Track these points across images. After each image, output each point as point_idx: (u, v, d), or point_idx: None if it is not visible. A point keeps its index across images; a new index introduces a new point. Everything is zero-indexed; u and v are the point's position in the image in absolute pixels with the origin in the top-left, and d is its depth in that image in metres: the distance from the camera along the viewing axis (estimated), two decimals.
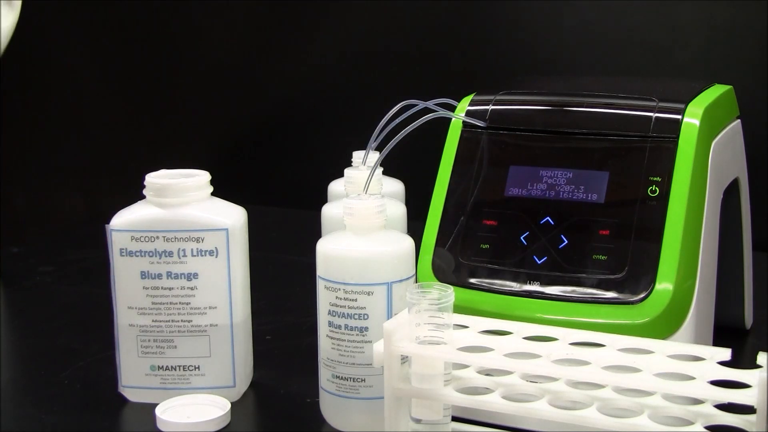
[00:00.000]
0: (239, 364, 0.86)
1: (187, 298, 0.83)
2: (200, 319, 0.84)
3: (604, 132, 0.81)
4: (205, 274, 0.83)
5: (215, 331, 0.84)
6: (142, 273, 0.83)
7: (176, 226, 0.82)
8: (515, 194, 0.82)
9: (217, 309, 0.84)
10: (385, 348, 0.69)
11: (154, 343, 0.85)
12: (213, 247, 0.83)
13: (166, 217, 0.82)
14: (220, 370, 0.85)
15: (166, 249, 0.82)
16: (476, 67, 1.39)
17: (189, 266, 0.83)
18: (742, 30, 1.25)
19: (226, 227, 0.82)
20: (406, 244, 0.78)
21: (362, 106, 1.30)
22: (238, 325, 0.85)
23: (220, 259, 0.83)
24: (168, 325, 0.84)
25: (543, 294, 0.78)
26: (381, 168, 0.89)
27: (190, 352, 0.85)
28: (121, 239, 0.83)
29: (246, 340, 0.87)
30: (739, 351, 0.69)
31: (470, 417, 0.78)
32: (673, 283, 0.74)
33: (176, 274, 0.83)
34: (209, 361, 0.85)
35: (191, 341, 0.84)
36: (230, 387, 0.86)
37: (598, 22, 1.33)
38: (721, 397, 0.63)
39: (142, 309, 0.84)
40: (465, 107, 0.87)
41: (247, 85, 1.57)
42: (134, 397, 0.86)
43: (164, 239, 0.82)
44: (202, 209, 0.83)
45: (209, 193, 0.85)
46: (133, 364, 0.86)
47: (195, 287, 0.83)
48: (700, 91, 0.84)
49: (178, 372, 0.85)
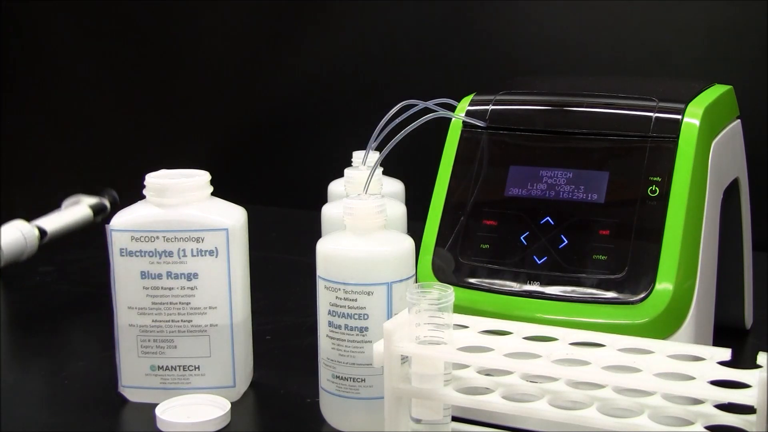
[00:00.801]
0: (239, 364, 0.85)
1: (187, 298, 0.83)
2: (200, 319, 0.84)
3: (604, 132, 0.81)
4: (205, 274, 0.83)
5: (215, 331, 0.84)
6: (142, 273, 0.83)
7: (176, 226, 0.82)
8: (515, 194, 0.82)
9: (217, 309, 0.84)
10: (385, 348, 0.69)
11: (154, 343, 0.85)
12: (213, 247, 0.82)
13: (166, 217, 0.82)
14: (220, 370, 0.85)
15: (166, 249, 0.82)
16: (476, 67, 1.39)
17: (189, 266, 0.83)
18: (742, 30, 1.25)
19: (225, 227, 0.82)
20: (406, 244, 0.78)
21: (362, 106, 1.30)
22: (238, 325, 0.85)
23: (220, 259, 0.83)
24: (168, 325, 0.84)
25: (543, 294, 0.78)
26: (381, 168, 0.89)
27: (190, 352, 0.84)
28: (121, 239, 0.82)
29: (246, 340, 0.87)
30: (739, 351, 0.69)
31: (470, 417, 0.78)
32: (673, 283, 0.74)
33: (176, 274, 0.83)
34: (209, 361, 0.85)
35: (191, 341, 0.84)
36: (230, 387, 0.85)
37: (597, 22, 1.33)
38: (721, 397, 0.63)
39: (142, 309, 0.84)
40: (465, 107, 0.87)
41: (247, 85, 1.57)
42: (134, 397, 0.86)
43: (164, 239, 0.82)
44: (202, 209, 0.83)
45: (209, 193, 0.85)
46: (133, 364, 0.85)
47: (195, 287, 0.83)
48: (700, 91, 0.84)
49: (178, 372, 0.85)
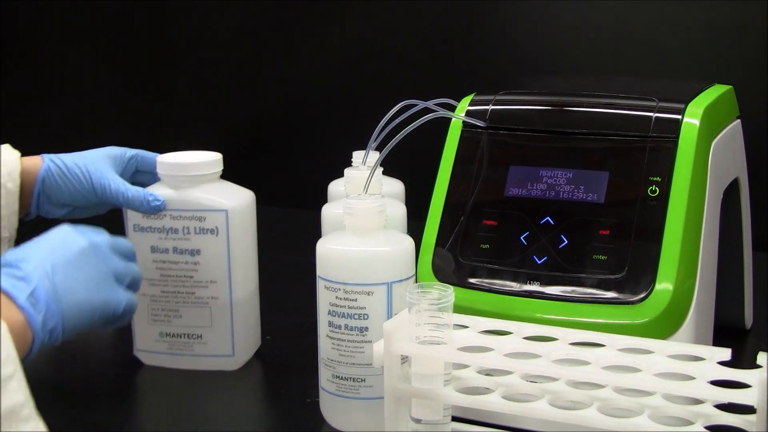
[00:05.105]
0: (239, 336, 0.91)
1: (190, 272, 0.89)
2: (202, 291, 0.90)
3: (604, 132, 0.81)
4: (207, 251, 0.89)
5: (216, 304, 0.90)
6: (152, 247, 0.90)
7: (182, 206, 0.89)
8: (515, 194, 0.82)
9: (218, 283, 0.89)
10: (385, 348, 0.69)
11: (162, 312, 0.91)
12: (214, 227, 0.88)
13: (173, 197, 0.89)
14: (220, 339, 0.91)
15: (172, 226, 0.89)
16: (476, 67, 1.39)
17: (192, 243, 0.89)
18: (742, 30, 1.25)
19: (225, 209, 0.88)
20: (406, 244, 0.78)
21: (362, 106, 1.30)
22: (238, 300, 0.90)
23: (220, 238, 0.88)
24: (174, 296, 0.90)
25: (543, 294, 0.78)
26: (381, 168, 0.89)
27: (193, 321, 0.90)
28: (134, 216, 0.90)
29: (246, 314, 0.92)
30: (739, 351, 0.69)
31: (470, 417, 0.78)
32: (673, 283, 0.74)
33: (181, 249, 0.89)
34: (210, 330, 0.91)
35: (194, 311, 0.90)
36: (229, 356, 0.91)
37: (598, 22, 1.33)
38: (721, 397, 0.63)
39: (152, 280, 0.90)
40: (465, 107, 0.87)
41: (247, 85, 1.57)
42: (147, 360, 0.93)
43: (170, 217, 0.89)
44: (208, 191, 0.89)
45: (218, 175, 0.91)
46: (145, 330, 0.92)
47: (198, 262, 0.89)
48: (700, 91, 0.84)
49: (183, 339, 0.91)
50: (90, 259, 0.72)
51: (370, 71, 1.47)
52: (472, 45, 1.40)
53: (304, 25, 1.50)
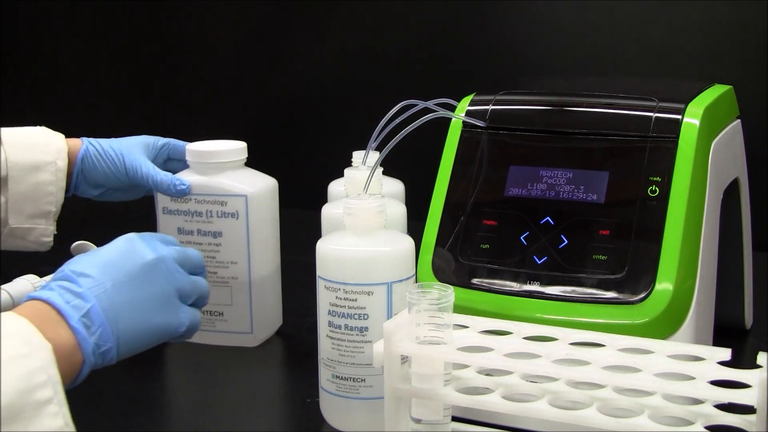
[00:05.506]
0: (257, 314, 0.97)
1: (213, 252, 0.95)
2: (223, 271, 0.96)
3: (604, 132, 0.81)
4: (228, 233, 0.95)
5: (236, 283, 0.96)
6: (179, 229, 0.96)
7: (205, 190, 0.95)
8: (515, 194, 0.82)
9: (238, 264, 0.95)
10: (385, 348, 0.69)
11: None
12: (234, 211, 0.94)
13: (198, 182, 0.95)
14: (240, 317, 0.96)
15: (197, 210, 0.95)
16: (476, 67, 1.39)
17: (214, 225, 0.95)
18: (742, 30, 1.25)
19: (245, 194, 0.94)
20: (406, 244, 0.78)
21: (362, 106, 1.30)
22: (257, 280, 0.96)
23: (240, 221, 0.94)
24: None
25: (543, 294, 0.78)
26: (381, 168, 0.89)
27: (215, 299, 0.93)
28: (164, 199, 0.97)
29: (265, 293, 0.97)
30: (739, 351, 0.69)
31: (470, 417, 0.78)
32: (673, 283, 0.74)
33: (204, 231, 0.96)
34: (230, 308, 0.96)
35: (216, 290, 0.94)
36: (248, 333, 0.97)
37: (597, 22, 1.33)
38: (721, 397, 0.63)
39: None
40: (465, 107, 0.87)
41: (246, 85, 1.57)
42: None
43: (195, 201, 0.95)
44: (230, 177, 0.95)
45: (242, 163, 0.97)
46: None
47: (219, 244, 0.95)
48: (700, 91, 0.84)
49: (206, 316, 0.96)
50: (154, 276, 0.70)
51: (370, 71, 1.47)
52: (472, 45, 1.40)
53: (304, 25, 1.50)
